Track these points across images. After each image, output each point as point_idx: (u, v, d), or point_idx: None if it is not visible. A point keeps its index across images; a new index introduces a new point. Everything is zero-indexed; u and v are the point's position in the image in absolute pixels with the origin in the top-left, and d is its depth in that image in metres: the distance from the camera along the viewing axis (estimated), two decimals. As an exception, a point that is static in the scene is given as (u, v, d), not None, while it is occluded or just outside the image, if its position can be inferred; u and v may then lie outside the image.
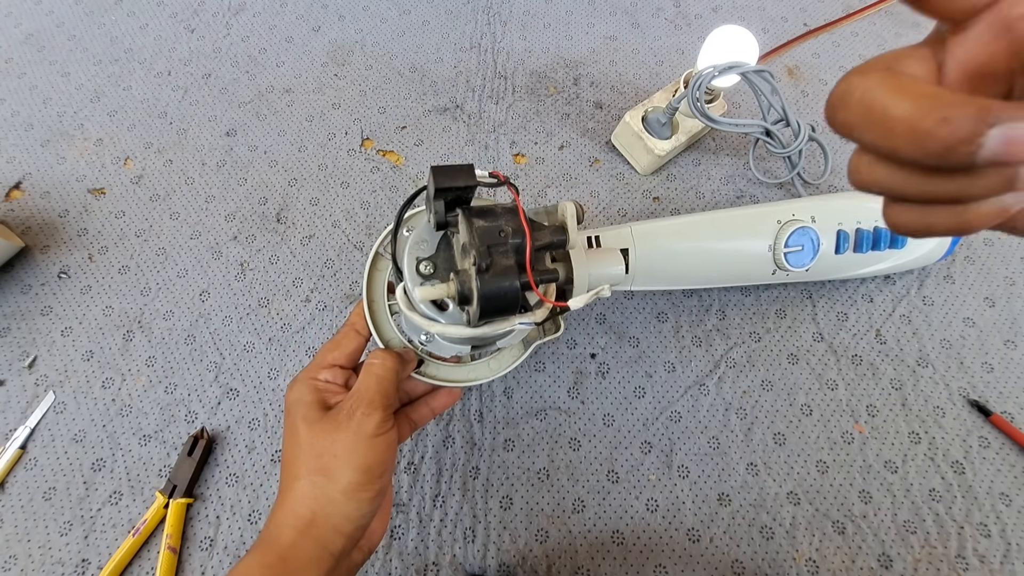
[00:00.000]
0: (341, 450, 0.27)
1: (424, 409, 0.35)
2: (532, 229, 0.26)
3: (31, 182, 0.52)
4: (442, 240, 0.30)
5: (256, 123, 0.55)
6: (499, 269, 0.25)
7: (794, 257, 0.41)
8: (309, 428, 0.28)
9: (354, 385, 0.30)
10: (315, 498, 0.27)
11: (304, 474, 0.27)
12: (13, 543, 0.39)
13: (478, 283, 0.25)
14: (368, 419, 0.28)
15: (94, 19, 0.61)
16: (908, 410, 0.43)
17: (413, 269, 0.29)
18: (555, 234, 0.28)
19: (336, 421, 0.28)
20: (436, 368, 0.34)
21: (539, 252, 0.28)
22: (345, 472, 0.27)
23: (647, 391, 0.44)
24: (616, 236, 0.39)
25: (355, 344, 0.33)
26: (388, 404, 0.29)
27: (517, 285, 0.25)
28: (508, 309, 0.26)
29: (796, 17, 0.63)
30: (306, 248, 0.49)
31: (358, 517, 0.27)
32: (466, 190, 0.26)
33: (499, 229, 0.26)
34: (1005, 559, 0.39)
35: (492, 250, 0.25)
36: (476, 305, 0.25)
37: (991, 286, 0.48)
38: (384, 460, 0.28)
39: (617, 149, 0.54)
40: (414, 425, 0.35)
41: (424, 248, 0.29)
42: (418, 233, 0.29)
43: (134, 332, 0.46)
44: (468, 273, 0.26)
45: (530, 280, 0.26)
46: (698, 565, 0.39)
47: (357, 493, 0.27)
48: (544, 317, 0.28)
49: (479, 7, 0.62)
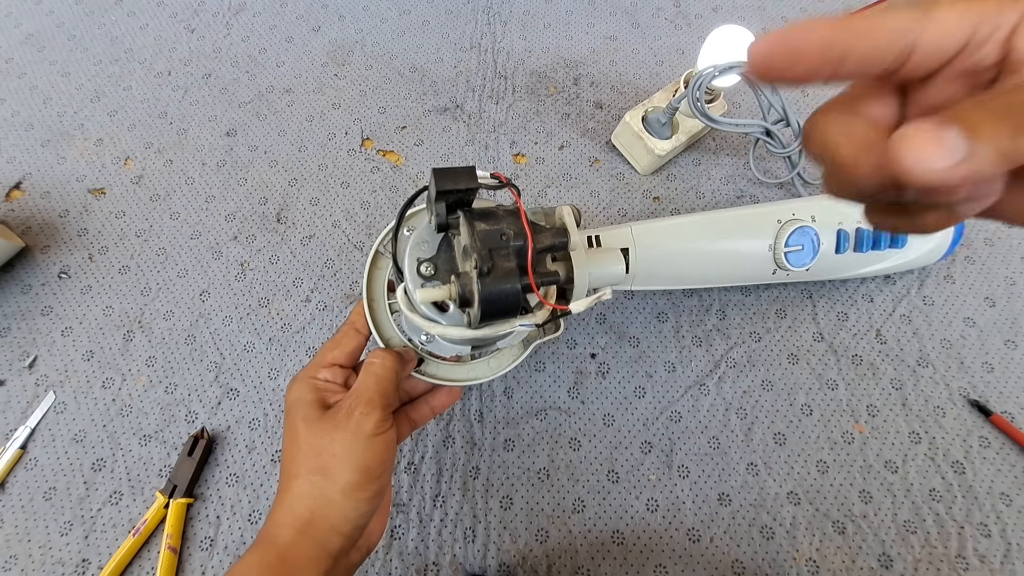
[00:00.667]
0: (340, 450, 0.27)
1: (424, 408, 0.35)
2: (533, 232, 0.26)
3: (31, 182, 0.52)
4: (443, 241, 0.30)
5: (256, 123, 0.55)
6: (500, 272, 0.25)
7: (794, 257, 0.41)
8: (308, 427, 0.28)
9: (353, 384, 0.30)
10: (313, 498, 0.27)
11: (303, 473, 0.27)
12: (13, 543, 0.39)
13: (479, 286, 0.25)
14: (367, 418, 0.28)
15: (94, 19, 0.61)
16: (908, 410, 0.43)
17: (414, 270, 0.28)
18: (556, 236, 0.28)
19: (335, 420, 0.28)
20: (436, 367, 0.34)
21: (540, 254, 0.28)
22: (343, 472, 0.27)
23: (647, 391, 0.44)
24: (616, 236, 0.39)
25: (355, 343, 0.33)
26: (387, 403, 0.29)
27: (518, 288, 0.25)
28: (509, 312, 0.26)
29: (797, 17, 0.63)
30: (306, 248, 0.49)
31: (356, 517, 0.27)
32: (467, 192, 0.26)
33: (501, 232, 0.26)
34: (1005, 559, 0.39)
35: (494, 253, 0.25)
36: (477, 308, 0.25)
37: (991, 286, 0.48)
38: (383, 460, 0.28)
39: (617, 149, 0.54)
40: (414, 424, 0.35)
41: (425, 249, 0.29)
42: (419, 234, 0.29)
43: (134, 332, 0.46)
44: (469, 276, 0.26)
45: (532, 283, 0.26)
46: (698, 565, 0.39)
47: (355, 493, 0.27)
48: (545, 319, 0.28)
49: (479, 7, 0.62)
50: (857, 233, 0.42)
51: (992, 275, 0.48)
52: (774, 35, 0.15)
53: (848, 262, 0.43)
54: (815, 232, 0.41)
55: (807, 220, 0.41)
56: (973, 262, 0.49)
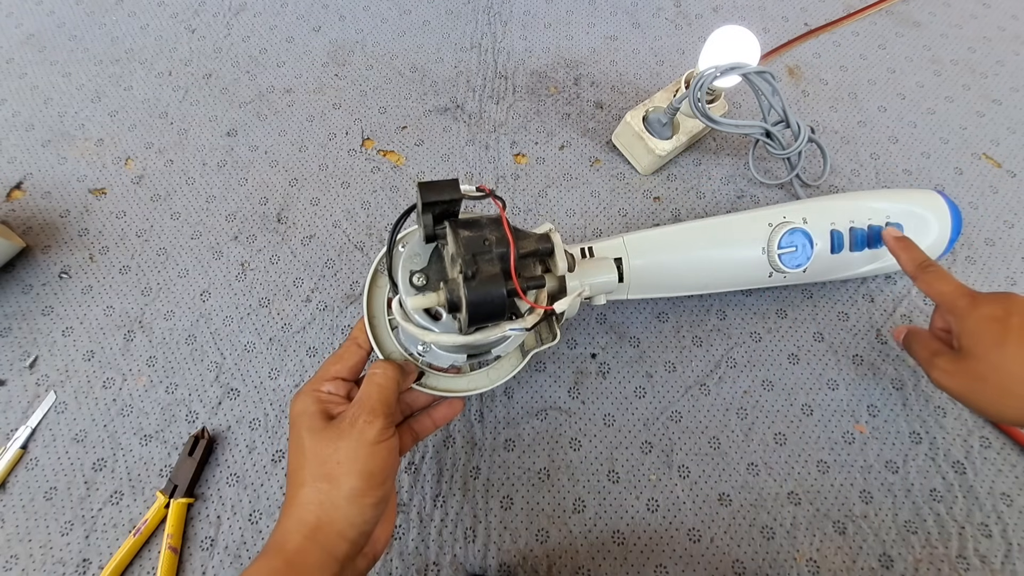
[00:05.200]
0: (344, 457, 0.28)
1: (426, 421, 0.36)
2: (517, 238, 0.28)
3: (32, 182, 0.52)
4: (433, 253, 0.31)
5: (257, 123, 0.55)
6: (485, 276, 0.26)
7: (788, 258, 0.41)
8: (313, 437, 0.29)
9: (356, 395, 0.30)
10: (319, 504, 0.27)
11: (309, 481, 0.28)
12: (14, 543, 0.39)
13: (466, 290, 0.26)
14: (370, 426, 0.28)
15: (95, 19, 0.61)
16: (909, 410, 0.43)
17: (407, 281, 0.30)
18: (540, 242, 0.30)
19: (339, 429, 0.29)
20: (436, 379, 0.35)
21: (525, 260, 0.30)
22: (348, 478, 0.27)
23: (647, 391, 0.44)
24: (609, 247, 0.40)
25: (357, 357, 0.33)
26: (389, 412, 0.29)
27: (503, 290, 0.26)
28: (496, 315, 0.27)
29: (797, 17, 0.63)
30: (307, 248, 0.49)
31: (361, 523, 0.28)
32: (451, 203, 0.28)
33: (483, 238, 0.27)
34: (1006, 559, 0.38)
35: (478, 258, 0.26)
36: (465, 311, 0.26)
37: (992, 286, 0.48)
38: (386, 466, 0.29)
39: (618, 149, 0.54)
40: (416, 436, 0.36)
41: (417, 262, 0.31)
42: (411, 248, 0.31)
43: (135, 332, 0.46)
44: (456, 281, 0.27)
45: (516, 285, 0.27)
46: (698, 565, 0.39)
47: (360, 499, 0.27)
48: (535, 322, 0.29)
49: (479, 7, 0.62)
50: (851, 233, 0.42)
51: (992, 275, 0.48)
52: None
53: (845, 262, 0.43)
54: (807, 233, 0.41)
55: (798, 222, 0.41)
56: (974, 262, 0.49)
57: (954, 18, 0.63)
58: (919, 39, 0.61)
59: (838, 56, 0.60)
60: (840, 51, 0.60)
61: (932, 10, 0.63)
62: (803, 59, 0.60)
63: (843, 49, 0.61)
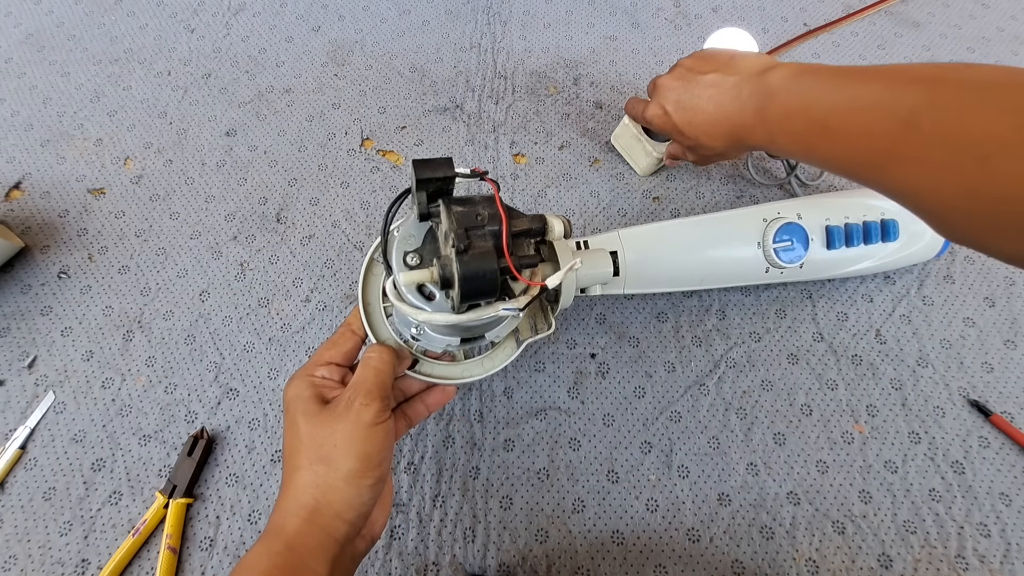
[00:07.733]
0: (341, 439, 0.28)
1: (419, 406, 0.36)
2: (510, 216, 0.28)
3: (31, 182, 0.52)
4: (428, 234, 0.31)
5: (256, 123, 0.55)
6: (477, 251, 0.26)
7: (784, 253, 0.41)
8: (308, 421, 0.29)
9: (351, 379, 0.30)
10: (317, 486, 0.28)
11: (305, 464, 0.28)
12: (13, 543, 0.39)
13: (458, 264, 0.26)
14: (366, 409, 0.28)
15: (94, 19, 0.61)
16: (908, 410, 0.43)
17: (400, 260, 0.30)
18: (533, 221, 0.30)
19: (335, 412, 0.29)
20: (431, 366, 0.35)
21: (519, 240, 0.30)
22: (345, 460, 0.28)
23: (647, 391, 0.44)
24: (604, 241, 0.40)
25: (351, 343, 0.34)
26: (385, 395, 0.30)
27: (495, 265, 0.26)
28: (488, 290, 0.27)
29: (796, 17, 0.63)
30: (306, 248, 0.49)
31: (359, 504, 0.28)
32: (445, 181, 0.28)
33: (476, 213, 0.27)
34: (1005, 559, 0.39)
35: (470, 233, 0.26)
36: (457, 287, 0.26)
37: (991, 286, 0.48)
38: (382, 448, 0.29)
39: (616, 150, 0.54)
40: (410, 422, 0.36)
41: (411, 243, 0.31)
42: (406, 229, 0.31)
43: (134, 332, 0.46)
44: (449, 257, 0.27)
45: (508, 261, 0.27)
46: (698, 565, 0.39)
47: (357, 480, 0.28)
48: (527, 302, 0.29)
49: (479, 7, 0.62)
50: (846, 228, 0.42)
51: (992, 275, 0.48)
52: None
53: (842, 258, 0.43)
54: (802, 228, 0.41)
55: (793, 217, 0.41)
56: (973, 262, 0.49)
57: (953, 19, 0.63)
58: (918, 39, 0.61)
59: (837, 56, 0.60)
60: (839, 51, 0.60)
61: (931, 11, 0.63)
62: (802, 59, 0.60)
63: (842, 49, 0.61)
